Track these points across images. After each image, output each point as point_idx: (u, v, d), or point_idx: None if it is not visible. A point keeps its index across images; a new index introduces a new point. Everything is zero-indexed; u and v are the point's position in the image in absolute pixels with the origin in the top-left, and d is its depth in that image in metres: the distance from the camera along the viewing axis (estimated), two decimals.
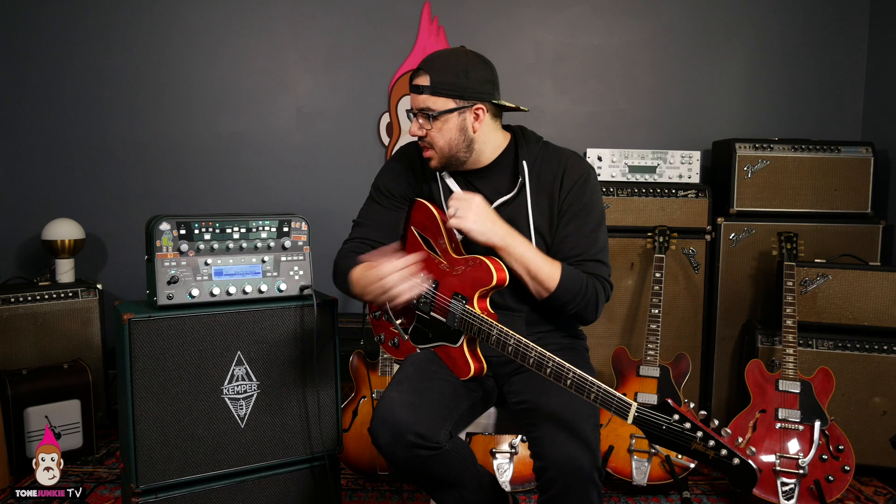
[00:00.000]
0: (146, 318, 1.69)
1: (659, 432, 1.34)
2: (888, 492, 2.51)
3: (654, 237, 2.69)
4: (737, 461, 1.28)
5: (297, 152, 3.23)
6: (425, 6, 3.16)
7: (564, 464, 1.42)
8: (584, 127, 3.22)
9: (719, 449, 1.29)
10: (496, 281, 1.58)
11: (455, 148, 1.67)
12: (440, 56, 1.65)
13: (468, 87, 1.62)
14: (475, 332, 1.58)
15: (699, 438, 1.30)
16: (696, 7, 3.20)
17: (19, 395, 2.49)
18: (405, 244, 1.82)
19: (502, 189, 1.72)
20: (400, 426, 1.48)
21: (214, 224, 1.80)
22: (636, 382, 2.55)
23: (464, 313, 1.60)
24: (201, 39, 3.19)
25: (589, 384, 1.41)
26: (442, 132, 1.65)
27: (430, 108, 1.62)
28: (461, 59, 1.63)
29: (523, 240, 1.63)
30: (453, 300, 1.64)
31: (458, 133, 1.66)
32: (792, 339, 2.45)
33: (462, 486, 1.59)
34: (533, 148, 1.73)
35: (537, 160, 1.72)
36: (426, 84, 1.61)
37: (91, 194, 3.21)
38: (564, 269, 1.61)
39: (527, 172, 1.69)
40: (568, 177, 1.68)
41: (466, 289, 1.62)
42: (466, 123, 1.65)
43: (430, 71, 1.62)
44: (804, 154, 2.85)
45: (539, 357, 1.47)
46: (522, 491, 2.42)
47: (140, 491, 1.69)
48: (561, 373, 1.45)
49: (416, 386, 1.59)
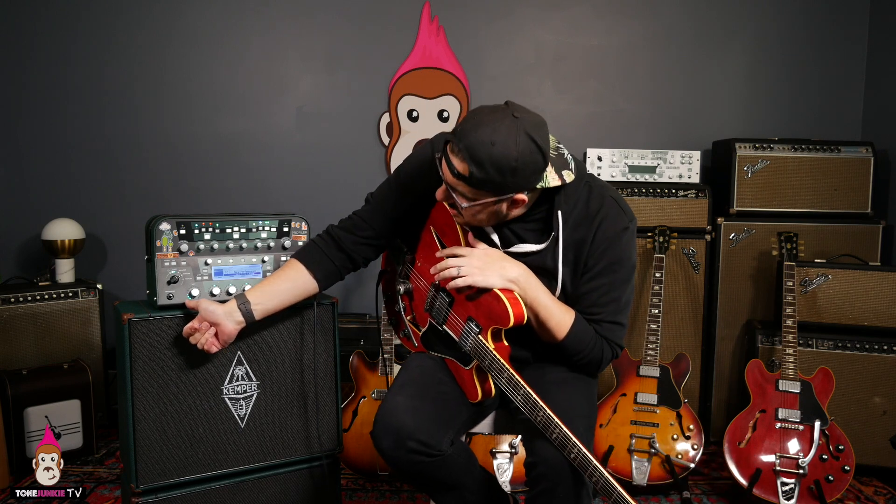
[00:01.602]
0: (146, 318, 1.69)
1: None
2: (888, 492, 2.51)
3: (654, 237, 2.69)
4: None
5: (297, 152, 3.23)
6: (425, 6, 3.16)
7: (552, 461, 1.42)
8: (584, 127, 3.22)
9: None
10: (513, 322, 1.47)
11: (485, 223, 1.55)
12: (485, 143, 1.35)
13: (513, 185, 1.41)
14: (486, 365, 1.52)
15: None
16: (696, 7, 3.20)
17: (19, 395, 2.49)
18: (419, 242, 1.74)
19: (531, 236, 1.58)
20: (402, 432, 1.47)
21: (214, 224, 1.79)
22: (636, 382, 2.55)
23: (476, 344, 1.52)
24: (201, 39, 3.19)
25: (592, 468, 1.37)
26: (472, 213, 1.48)
27: (464, 194, 1.44)
28: (512, 153, 1.35)
29: (539, 284, 1.54)
30: (467, 324, 1.55)
31: (489, 216, 1.50)
32: (792, 339, 2.45)
33: (463, 488, 1.59)
34: (571, 196, 1.54)
35: (575, 208, 1.55)
36: (464, 174, 1.39)
37: (91, 194, 3.21)
38: (577, 321, 1.54)
39: (561, 225, 1.53)
40: (601, 232, 1.53)
41: (481, 318, 1.52)
42: (502, 208, 1.48)
43: (473, 162, 1.36)
44: (804, 154, 2.85)
45: (546, 420, 1.42)
46: (522, 491, 2.42)
47: (140, 491, 1.69)
48: (566, 444, 1.39)
49: (421, 391, 1.57)
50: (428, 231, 1.72)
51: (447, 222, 1.62)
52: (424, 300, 1.72)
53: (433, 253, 1.67)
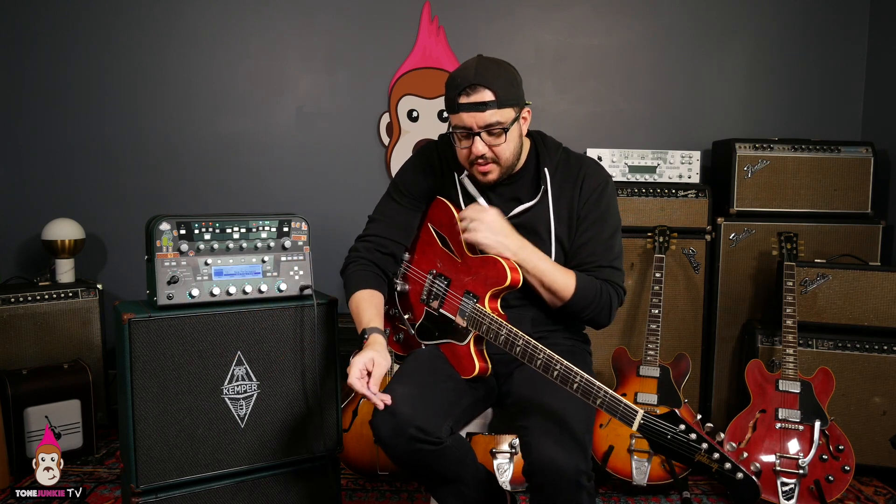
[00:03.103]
0: (146, 318, 1.69)
1: (664, 441, 1.34)
2: (888, 492, 2.51)
3: (654, 237, 2.69)
4: (740, 476, 1.28)
5: (297, 152, 3.23)
6: (425, 6, 3.16)
7: (549, 469, 1.43)
8: (584, 127, 3.22)
9: (723, 462, 1.29)
10: (510, 282, 1.59)
11: (515, 157, 1.67)
12: (489, 69, 1.59)
13: (520, 94, 1.62)
14: (484, 330, 1.59)
15: (704, 450, 1.30)
16: (696, 7, 3.20)
17: (19, 395, 2.49)
18: (417, 241, 1.83)
19: (523, 196, 1.72)
20: (402, 419, 1.48)
21: (214, 224, 1.80)
22: (636, 382, 2.55)
23: (474, 311, 1.61)
24: (201, 39, 3.19)
25: (596, 389, 1.41)
26: (509, 144, 1.62)
27: (500, 121, 1.58)
28: (504, 67, 1.61)
29: (537, 252, 1.64)
30: (464, 298, 1.65)
31: (518, 141, 1.66)
32: (792, 339, 2.45)
33: (461, 483, 1.60)
34: (553, 154, 1.73)
35: (558, 167, 1.72)
36: (491, 99, 1.56)
37: (91, 194, 3.21)
38: (579, 278, 1.63)
39: (549, 180, 1.70)
40: (587, 185, 1.69)
41: (479, 288, 1.63)
42: (522, 129, 1.66)
43: (490, 85, 1.56)
44: (804, 154, 2.85)
45: (547, 359, 1.47)
46: (522, 491, 2.42)
47: (140, 491, 1.69)
48: (568, 376, 1.45)
49: (419, 381, 1.60)
50: (426, 229, 1.81)
51: (447, 214, 1.75)
52: (420, 294, 1.78)
53: (431, 247, 1.78)
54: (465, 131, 1.60)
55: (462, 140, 1.63)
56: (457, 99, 1.58)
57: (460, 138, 1.63)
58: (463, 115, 1.58)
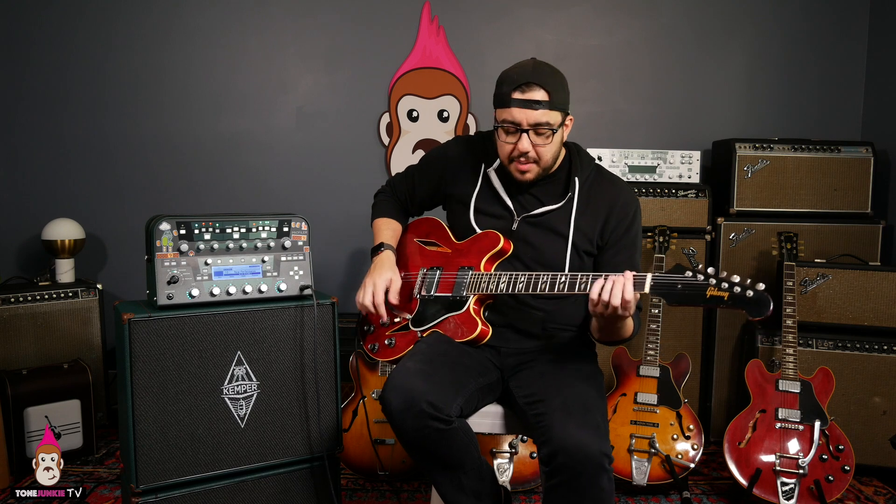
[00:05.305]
0: (146, 318, 1.69)
1: (676, 291, 1.43)
2: (888, 492, 2.51)
3: (654, 237, 2.69)
4: (751, 293, 1.38)
5: (297, 152, 3.23)
6: (425, 6, 3.16)
7: (575, 450, 1.43)
8: (584, 127, 3.22)
9: (732, 287, 1.38)
10: (502, 244, 1.71)
11: (553, 160, 1.73)
12: (544, 71, 1.65)
13: (568, 101, 1.69)
14: (484, 287, 1.67)
15: (713, 284, 1.39)
16: (696, 7, 3.20)
17: (19, 395, 2.49)
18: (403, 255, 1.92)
19: (549, 199, 1.77)
20: (413, 393, 1.50)
21: (214, 224, 1.80)
22: (636, 382, 2.55)
23: (473, 277, 1.71)
24: (201, 39, 3.19)
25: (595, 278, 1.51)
26: (552, 146, 1.68)
27: (549, 122, 1.64)
28: (558, 73, 1.67)
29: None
30: (459, 272, 1.75)
31: (559, 146, 1.73)
32: (792, 338, 2.45)
33: (462, 471, 1.60)
34: (586, 168, 1.79)
35: (589, 182, 1.78)
36: (545, 99, 1.62)
37: (91, 194, 3.21)
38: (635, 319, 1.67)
39: (577, 189, 1.75)
40: (622, 208, 1.75)
41: (473, 260, 1.74)
42: (563, 135, 1.73)
43: (545, 85, 1.62)
44: (804, 154, 2.85)
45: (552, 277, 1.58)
46: (522, 491, 2.42)
47: (140, 491, 1.69)
48: (575, 282, 1.55)
49: (430, 358, 1.63)
50: (411, 243, 1.94)
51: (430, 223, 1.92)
52: (411, 292, 1.85)
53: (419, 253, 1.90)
54: (514, 126, 1.64)
55: (508, 135, 1.67)
56: (511, 94, 1.62)
57: (507, 133, 1.67)
58: (514, 111, 1.63)
